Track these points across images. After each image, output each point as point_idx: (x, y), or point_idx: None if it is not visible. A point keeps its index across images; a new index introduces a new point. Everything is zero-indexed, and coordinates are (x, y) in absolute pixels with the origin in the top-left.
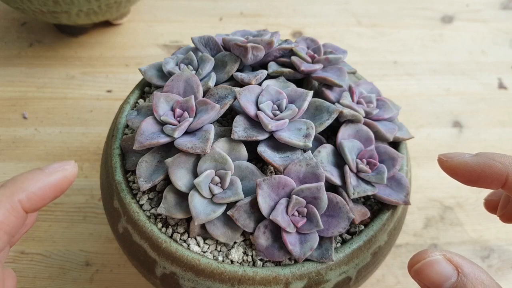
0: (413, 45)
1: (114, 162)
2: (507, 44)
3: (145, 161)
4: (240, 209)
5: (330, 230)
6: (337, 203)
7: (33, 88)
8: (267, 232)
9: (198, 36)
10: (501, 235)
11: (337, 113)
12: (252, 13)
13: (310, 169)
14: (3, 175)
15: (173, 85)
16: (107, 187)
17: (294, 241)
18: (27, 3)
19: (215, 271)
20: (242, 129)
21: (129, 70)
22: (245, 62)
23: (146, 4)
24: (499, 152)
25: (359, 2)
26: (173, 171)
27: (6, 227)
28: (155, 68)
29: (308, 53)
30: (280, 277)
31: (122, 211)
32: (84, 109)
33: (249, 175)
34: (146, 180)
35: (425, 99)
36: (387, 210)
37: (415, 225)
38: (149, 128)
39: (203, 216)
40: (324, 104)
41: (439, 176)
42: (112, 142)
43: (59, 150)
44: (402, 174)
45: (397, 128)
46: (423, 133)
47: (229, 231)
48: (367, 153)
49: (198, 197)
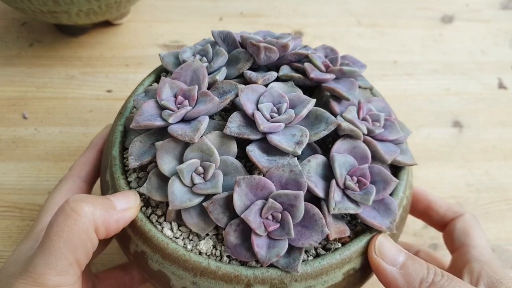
0: (413, 45)
1: (114, 137)
2: (507, 44)
3: (139, 141)
4: (216, 202)
5: (301, 240)
6: (314, 215)
7: (33, 88)
8: (238, 230)
9: (217, 30)
10: (501, 235)
11: (334, 125)
12: (252, 13)
13: (293, 176)
14: (3, 175)
15: (181, 73)
16: (104, 160)
17: (261, 244)
18: (27, 3)
19: (180, 258)
20: (236, 125)
21: (129, 70)
22: (258, 62)
23: (146, 4)
24: (499, 152)
25: (359, 2)
26: (160, 155)
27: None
28: (174, 55)
29: (324, 62)
30: (241, 277)
31: (111, 184)
32: (84, 109)
33: (233, 172)
34: (136, 158)
35: (425, 99)
36: (369, 233)
37: (414, 225)
38: (149, 110)
39: (178, 202)
40: (324, 115)
41: (439, 176)
42: (118, 119)
43: (59, 150)
44: (392, 199)
45: (398, 151)
46: (423, 133)
47: (202, 223)
48: (359, 171)
49: (178, 183)
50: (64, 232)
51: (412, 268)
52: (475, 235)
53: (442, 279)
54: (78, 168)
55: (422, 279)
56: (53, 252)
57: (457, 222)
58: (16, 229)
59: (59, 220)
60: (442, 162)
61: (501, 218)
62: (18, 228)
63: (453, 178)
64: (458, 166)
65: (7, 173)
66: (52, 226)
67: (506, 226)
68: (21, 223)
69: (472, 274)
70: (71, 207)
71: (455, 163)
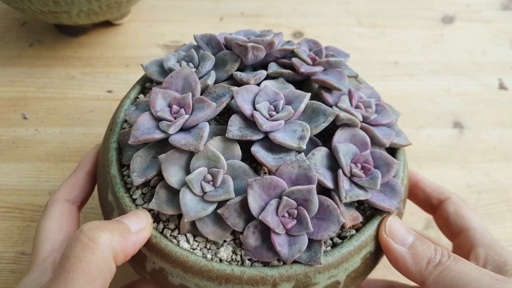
0: (413, 46)
1: (110, 155)
2: (507, 44)
3: (140, 156)
4: (231, 207)
5: (319, 233)
6: (328, 207)
7: (33, 88)
8: (256, 232)
9: (200, 34)
10: (501, 236)
11: (333, 116)
12: (252, 13)
13: (303, 171)
14: (3, 175)
15: (171, 82)
16: (102, 180)
17: (282, 243)
18: (27, 3)
19: (203, 268)
20: (237, 128)
21: (130, 70)
22: (245, 62)
23: (146, 4)
24: (499, 153)
25: (359, 2)
26: (166, 167)
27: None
28: (157, 64)
29: (310, 55)
30: (267, 277)
31: (116, 204)
32: (85, 110)
33: (241, 175)
34: (140, 174)
35: (426, 99)
36: (379, 215)
37: (415, 226)
38: (145, 123)
39: (193, 213)
40: (321, 107)
41: (439, 177)
42: (110, 136)
43: (60, 150)
44: (396, 181)
45: (394, 134)
46: (423, 133)
47: (219, 230)
48: (362, 158)
49: (189, 194)
50: (82, 263)
51: (420, 248)
52: (470, 216)
53: (449, 259)
54: (65, 191)
55: (430, 259)
56: (70, 285)
57: (448, 206)
58: (16, 230)
59: (75, 251)
60: (443, 163)
61: (501, 219)
62: (18, 229)
63: (454, 179)
64: (459, 167)
65: (8, 173)
66: (68, 257)
67: (507, 227)
68: (21, 224)
69: (478, 259)
70: (88, 237)
71: (455, 164)
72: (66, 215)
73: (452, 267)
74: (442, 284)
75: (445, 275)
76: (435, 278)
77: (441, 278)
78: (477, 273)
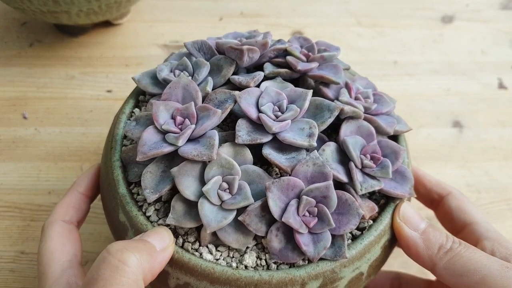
0: (413, 45)
1: (116, 175)
2: (507, 44)
3: (150, 172)
4: (251, 213)
5: (341, 228)
6: (347, 200)
7: (33, 88)
8: (279, 234)
9: (191, 41)
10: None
11: (338, 111)
12: (252, 13)
13: (317, 168)
14: (3, 175)
15: (171, 93)
16: (110, 201)
17: (307, 242)
18: (27, 3)
19: (230, 277)
20: (246, 132)
21: (129, 70)
22: (240, 65)
23: (146, 4)
24: (499, 153)
25: (359, 2)
26: (180, 180)
27: None
28: (149, 75)
29: (302, 52)
30: (296, 278)
31: (129, 224)
32: (84, 109)
33: (256, 179)
34: (152, 191)
35: (425, 99)
36: (393, 203)
37: None
38: (151, 137)
39: (215, 224)
40: (324, 103)
41: (439, 176)
42: (111, 155)
43: (59, 150)
44: (405, 167)
45: (396, 122)
46: (423, 133)
47: (241, 236)
48: (370, 148)
49: (208, 204)
50: (113, 286)
51: (432, 235)
52: (472, 210)
53: (460, 246)
54: (60, 212)
55: (441, 245)
56: None
57: (450, 201)
58: (16, 229)
59: (105, 273)
60: (442, 163)
61: (501, 218)
62: (18, 228)
63: (453, 178)
64: (458, 166)
65: (7, 173)
66: (97, 280)
67: (506, 226)
68: (21, 223)
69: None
70: (117, 258)
71: (455, 163)
72: (67, 235)
73: (462, 253)
74: (452, 270)
75: (456, 261)
76: (445, 264)
77: (451, 263)
78: (487, 260)
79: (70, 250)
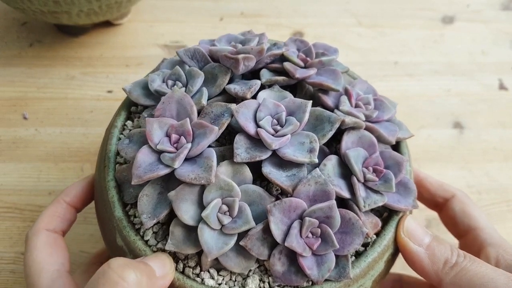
0: (413, 46)
1: (111, 196)
2: (507, 44)
3: (146, 195)
4: (253, 237)
5: (345, 248)
6: (350, 220)
7: (33, 89)
8: (282, 257)
9: (183, 49)
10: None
11: (339, 123)
12: (252, 13)
13: (319, 187)
14: (3, 175)
15: (165, 108)
16: (106, 223)
17: (311, 265)
18: (27, 3)
19: None
20: (244, 149)
21: (130, 70)
22: (236, 73)
23: (146, 4)
24: (499, 153)
25: (359, 2)
26: (178, 206)
27: None
28: (140, 86)
29: (300, 56)
30: None
31: (127, 249)
32: (85, 110)
33: (257, 199)
34: (150, 216)
35: (426, 100)
36: (396, 215)
37: None
38: (145, 159)
39: (216, 250)
40: (324, 114)
41: (439, 177)
42: (105, 174)
43: (60, 150)
44: (408, 178)
45: (398, 130)
46: (423, 134)
47: (243, 260)
48: (373, 161)
49: (208, 230)
50: None
51: (437, 249)
52: (476, 215)
53: (465, 260)
54: (44, 221)
55: (447, 260)
56: None
57: (454, 204)
58: (16, 230)
59: (104, 287)
60: (443, 163)
61: (501, 219)
62: (18, 229)
63: (454, 179)
64: (459, 167)
65: (8, 173)
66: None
67: (507, 227)
68: (21, 224)
69: (489, 259)
70: (118, 274)
71: (455, 164)
72: (53, 244)
73: (468, 267)
74: (458, 285)
75: (462, 276)
76: (452, 279)
77: (457, 279)
78: (493, 273)
79: (57, 260)
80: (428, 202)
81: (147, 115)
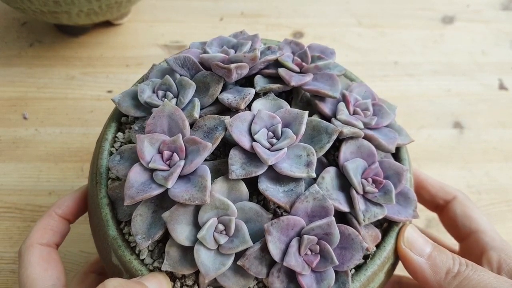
0: (413, 46)
1: (104, 214)
2: (507, 44)
3: (139, 215)
4: (250, 257)
5: (345, 264)
6: (350, 235)
7: (33, 89)
8: (281, 275)
9: (172, 57)
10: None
11: (337, 134)
12: (252, 13)
13: (318, 202)
14: (3, 175)
15: (155, 123)
16: (101, 240)
17: (310, 282)
18: (27, 3)
19: None
20: (239, 165)
21: (130, 70)
22: (229, 82)
23: (146, 4)
24: (499, 154)
25: (359, 2)
26: (173, 227)
27: None
28: (130, 96)
29: (295, 60)
30: None
31: (123, 268)
32: (85, 110)
33: (254, 217)
34: (145, 236)
35: (426, 100)
36: (396, 226)
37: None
38: (137, 178)
39: (213, 271)
40: (321, 124)
41: (439, 177)
42: (97, 190)
43: (60, 150)
44: (408, 188)
45: (397, 136)
46: (423, 134)
47: (241, 279)
48: (372, 171)
49: (204, 251)
50: None
51: (439, 259)
52: (477, 217)
53: (467, 269)
54: (37, 235)
55: (449, 270)
56: None
57: (455, 207)
58: (16, 230)
59: None
60: (443, 163)
61: (501, 219)
62: (18, 229)
63: (454, 179)
64: (459, 167)
65: (8, 173)
66: None
67: (507, 227)
68: (21, 224)
69: (491, 263)
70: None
71: (455, 164)
72: (47, 258)
73: (470, 276)
74: None
75: (464, 285)
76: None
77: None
78: (496, 282)
79: (52, 274)
80: (428, 204)
81: (138, 128)
